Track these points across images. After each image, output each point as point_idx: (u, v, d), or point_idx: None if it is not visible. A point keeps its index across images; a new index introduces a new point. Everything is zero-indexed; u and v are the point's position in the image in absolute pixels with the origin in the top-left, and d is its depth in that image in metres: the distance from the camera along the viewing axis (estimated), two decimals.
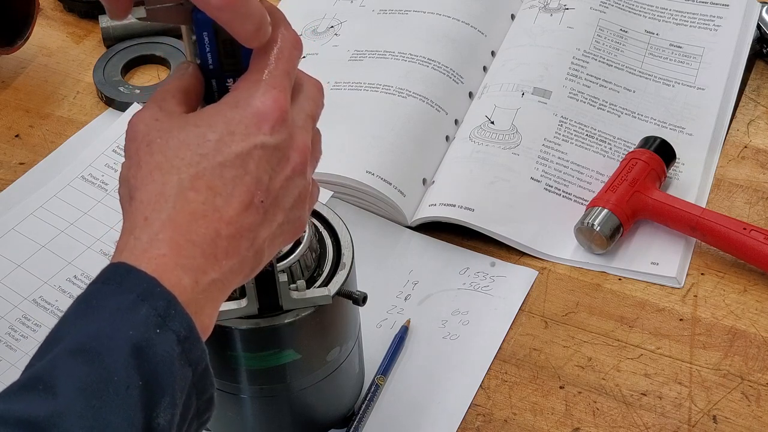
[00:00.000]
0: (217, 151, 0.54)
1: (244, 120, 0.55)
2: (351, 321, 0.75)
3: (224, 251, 0.54)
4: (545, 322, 0.88)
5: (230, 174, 0.54)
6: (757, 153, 1.00)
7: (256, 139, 0.55)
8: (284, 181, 0.56)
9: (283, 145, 0.56)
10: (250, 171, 0.55)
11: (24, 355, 0.86)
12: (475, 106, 1.04)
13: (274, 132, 0.55)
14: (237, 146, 0.54)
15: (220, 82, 0.59)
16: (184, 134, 0.55)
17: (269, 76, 0.56)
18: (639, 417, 0.81)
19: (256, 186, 0.55)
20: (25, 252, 0.94)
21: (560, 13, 1.10)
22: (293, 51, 0.58)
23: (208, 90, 0.60)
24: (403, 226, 0.95)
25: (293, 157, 0.57)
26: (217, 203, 0.53)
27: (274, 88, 0.56)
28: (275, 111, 0.55)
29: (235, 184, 0.54)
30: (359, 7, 1.15)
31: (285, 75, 0.57)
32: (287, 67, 0.57)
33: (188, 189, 0.53)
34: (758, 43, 1.09)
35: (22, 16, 1.10)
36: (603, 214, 0.91)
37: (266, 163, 0.55)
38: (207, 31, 0.57)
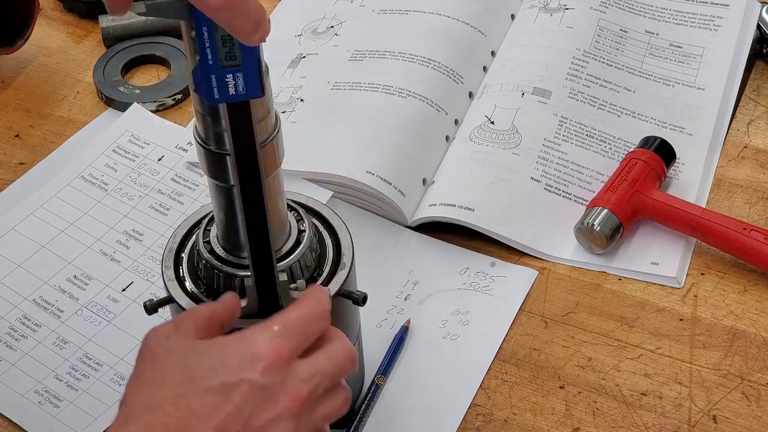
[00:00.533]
0: (206, 377, 0.59)
1: (241, 355, 0.60)
2: (351, 321, 0.75)
3: None
4: (545, 322, 0.88)
5: (212, 400, 0.59)
6: (757, 153, 1.00)
7: (246, 375, 0.59)
8: (268, 421, 0.60)
9: (272, 388, 0.60)
10: (232, 401, 0.59)
11: (24, 355, 0.86)
12: (475, 106, 1.04)
13: (265, 373, 0.60)
14: (226, 376, 0.59)
15: (219, 78, 0.59)
16: (185, 358, 0.60)
17: (283, 328, 0.62)
18: (639, 417, 0.81)
19: (234, 417, 0.59)
20: (25, 252, 0.94)
21: (560, 13, 1.10)
22: (317, 321, 0.63)
23: None
24: (403, 226, 0.95)
25: (282, 401, 0.60)
26: (191, 422, 0.58)
27: (282, 338, 0.61)
28: (272, 355, 0.60)
29: (214, 409, 0.58)
30: (359, 7, 1.15)
31: (300, 333, 0.62)
32: (307, 329, 0.62)
33: (170, 404, 0.58)
34: (758, 43, 1.09)
35: (22, 16, 1.10)
36: (603, 214, 0.91)
37: (251, 398, 0.59)
38: (207, 26, 0.57)
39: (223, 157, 0.64)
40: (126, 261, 0.93)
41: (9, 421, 0.82)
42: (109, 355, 0.86)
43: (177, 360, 0.60)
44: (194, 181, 0.99)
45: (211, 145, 0.64)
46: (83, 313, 0.89)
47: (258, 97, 0.61)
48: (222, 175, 0.65)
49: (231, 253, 0.70)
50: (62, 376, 0.85)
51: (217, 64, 0.59)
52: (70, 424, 0.82)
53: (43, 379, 0.84)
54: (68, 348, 0.87)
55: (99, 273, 0.92)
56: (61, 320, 0.88)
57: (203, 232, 0.71)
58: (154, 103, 1.07)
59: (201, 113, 0.63)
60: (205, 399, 0.59)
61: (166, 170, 1.00)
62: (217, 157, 0.64)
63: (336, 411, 0.65)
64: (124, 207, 0.97)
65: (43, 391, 0.84)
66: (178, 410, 0.58)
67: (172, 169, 1.00)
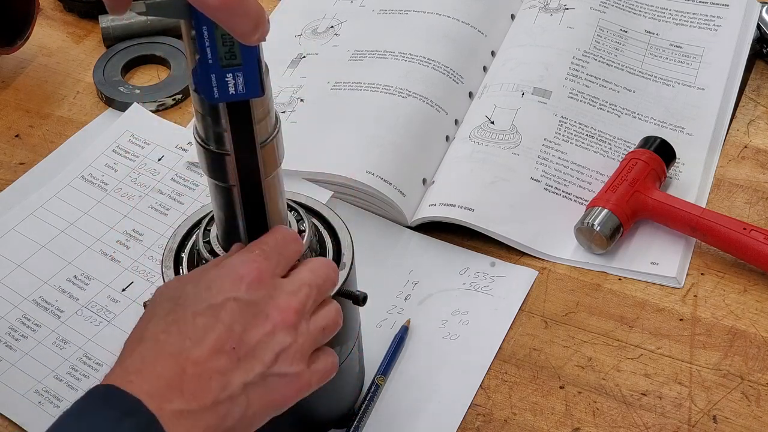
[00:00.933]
0: (193, 303, 0.61)
1: (224, 278, 0.62)
2: (351, 321, 0.75)
3: (191, 387, 0.59)
4: (545, 322, 0.88)
5: (201, 322, 0.61)
6: (757, 153, 1.00)
7: (230, 294, 0.62)
8: (263, 335, 0.62)
9: (260, 302, 0.62)
10: (221, 320, 0.61)
11: (24, 355, 0.86)
12: (475, 106, 1.04)
13: (250, 290, 0.62)
14: (212, 298, 0.61)
15: (219, 77, 0.59)
16: (172, 290, 0.63)
17: (260, 250, 0.64)
18: (639, 417, 0.81)
19: (227, 334, 0.61)
20: (25, 252, 0.94)
21: (560, 13, 1.10)
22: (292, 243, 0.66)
23: None
24: (403, 226, 0.95)
25: (273, 315, 0.62)
26: (185, 345, 0.60)
27: (261, 258, 0.64)
28: (253, 272, 0.62)
29: (206, 330, 0.60)
30: (359, 7, 1.15)
31: (278, 253, 0.65)
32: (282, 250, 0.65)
33: (161, 332, 0.60)
34: (758, 43, 1.09)
35: (22, 16, 1.10)
36: (603, 214, 0.91)
37: (240, 315, 0.61)
38: (206, 25, 0.57)
39: (223, 157, 0.64)
40: (126, 261, 0.93)
41: (9, 421, 0.82)
42: (109, 355, 0.86)
43: (166, 296, 0.63)
44: (194, 181, 0.99)
45: (211, 145, 0.64)
46: (83, 313, 0.89)
47: (258, 97, 0.61)
48: (222, 175, 0.65)
49: None
50: (62, 376, 0.85)
51: (217, 64, 0.59)
52: None
53: (43, 379, 0.84)
54: (68, 348, 0.87)
55: (99, 273, 0.92)
56: (61, 320, 0.88)
57: (203, 232, 0.71)
58: (154, 103, 1.07)
59: (201, 113, 0.63)
60: (195, 322, 0.60)
61: (166, 170, 1.00)
62: (217, 157, 0.64)
63: (331, 322, 0.66)
64: (124, 207, 0.97)
65: (43, 391, 0.84)
66: (170, 336, 0.60)
67: (172, 169, 1.00)
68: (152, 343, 0.60)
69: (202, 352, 0.60)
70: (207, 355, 0.60)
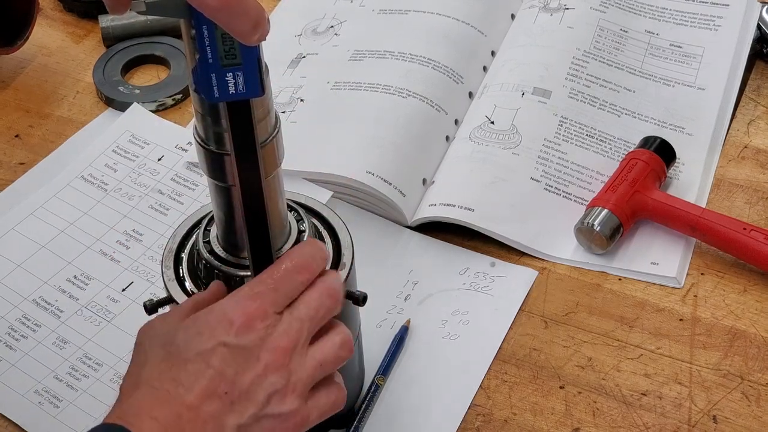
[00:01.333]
0: (184, 350, 0.62)
1: (212, 323, 0.63)
2: (351, 321, 0.75)
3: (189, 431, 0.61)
4: (545, 322, 0.88)
5: (193, 368, 0.62)
6: (757, 153, 1.00)
7: (220, 339, 0.62)
8: (254, 377, 0.62)
9: (250, 346, 0.63)
10: (212, 365, 0.62)
11: (24, 355, 0.86)
12: (475, 106, 1.04)
13: (239, 334, 0.62)
14: (202, 345, 0.62)
15: (219, 77, 0.59)
16: (164, 338, 0.64)
17: (250, 290, 0.64)
18: (639, 417, 0.81)
19: (219, 379, 0.62)
20: (25, 252, 0.94)
21: (560, 13, 1.10)
22: (294, 274, 0.65)
23: None
24: (403, 226, 0.95)
25: (264, 357, 0.63)
26: (179, 391, 0.61)
27: (251, 299, 0.63)
28: (242, 317, 0.63)
29: (198, 376, 0.61)
30: (359, 7, 1.15)
31: (271, 291, 0.64)
32: (279, 285, 0.64)
33: (155, 379, 0.62)
34: (758, 43, 1.09)
35: (22, 16, 1.10)
36: (603, 214, 0.91)
37: (230, 359, 0.62)
38: (206, 25, 0.57)
39: (223, 157, 0.64)
40: (126, 261, 0.93)
41: (9, 421, 0.82)
42: (109, 355, 0.86)
43: (158, 342, 0.64)
44: (194, 181, 0.99)
45: (211, 145, 0.64)
46: (83, 313, 0.89)
47: (258, 96, 0.61)
48: (222, 175, 0.65)
49: (231, 253, 0.70)
50: (62, 376, 0.85)
51: (217, 63, 0.59)
52: (70, 424, 0.82)
53: (43, 379, 0.84)
54: (68, 348, 0.87)
55: (99, 273, 0.92)
56: (61, 320, 0.88)
57: (203, 232, 0.71)
58: (154, 103, 1.07)
59: (201, 113, 0.63)
60: (187, 368, 0.61)
61: (166, 170, 1.00)
62: (217, 157, 0.64)
63: (331, 357, 0.66)
64: (124, 207, 0.97)
65: (43, 391, 0.84)
66: (164, 383, 0.61)
67: (172, 169, 1.00)
68: (147, 389, 0.61)
69: (195, 397, 0.61)
70: (200, 400, 0.61)
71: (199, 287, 0.71)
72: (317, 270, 0.66)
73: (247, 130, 0.62)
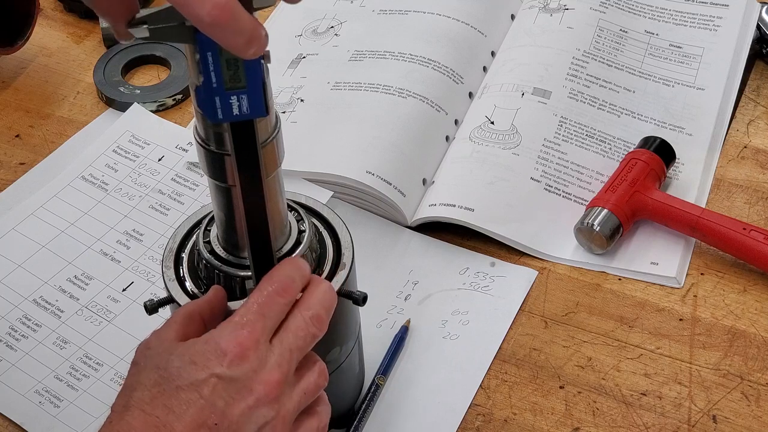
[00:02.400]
0: (177, 377, 0.62)
1: (206, 353, 0.62)
2: (351, 321, 0.75)
3: None
4: (545, 322, 0.88)
5: (185, 396, 0.62)
6: (757, 153, 1.00)
7: (213, 370, 0.62)
8: (245, 409, 0.62)
9: (242, 378, 0.62)
10: (203, 396, 0.62)
11: (24, 355, 0.86)
12: (475, 106, 1.04)
13: (232, 366, 0.62)
14: (195, 375, 0.62)
15: (223, 99, 0.59)
16: (158, 361, 0.63)
17: (242, 317, 0.64)
18: (639, 417, 0.81)
19: (209, 410, 0.62)
20: (25, 252, 0.94)
21: (560, 13, 1.10)
22: (276, 297, 0.65)
23: None
24: (403, 226, 0.95)
25: (257, 389, 0.63)
26: (169, 419, 0.61)
27: (243, 328, 0.63)
28: (235, 348, 0.62)
29: (188, 405, 0.61)
30: (359, 7, 1.15)
31: (260, 317, 0.64)
32: (265, 311, 0.64)
33: (146, 404, 0.62)
34: (758, 43, 1.09)
35: (22, 16, 1.10)
36: (603, 214, 0.91)
37: (222, 391, 0.62)
38: (211, 51, 0.57)
39: (223, 157, 0.64)
40: (126, 261, 0.93)
41: (9, 421, 0.82)
42: (109, 355, 0.86)
43: (152, 363, 0.63)
44: (194, 181, 0.99)
45: (211, 145, 0.64)
46: (83, 313, 0.89)
47: (262, 117, 0.61)
48: (222, 175, 0.65)
49: (231, 253, 0.70)
50: (62, 376, 0.85)
51: (221, 87, 0.59)
52: (70, 424, 0.82)
53: (44, 379, 0.84)
54: (68, 348, 0.87)
55: (99, 273, 0.92)
56: (61, 320, 0.89)
57: (203, 232, 0.71)
58: (154, 103, 1.07)
59: (201, 114, 0.63)
60: (179, 396, 0.61)
61: (167, 170, 1.00)
62: (217, 157, 0.64)
63: (312, 386, 0.66)
64: (124, 207, 0.97)
65: (44, 391, 0.84)
66: (155, 409, 0.61)
67: (172, 169, 1.01)
68: (138, 412, 0.61)
69: (185, 426, 0.61)
70: (189, 429, 0.61)
71: (200, 287, 0.71)
72: (298, 290, 0.66)
73: (247, 131, 0.62)
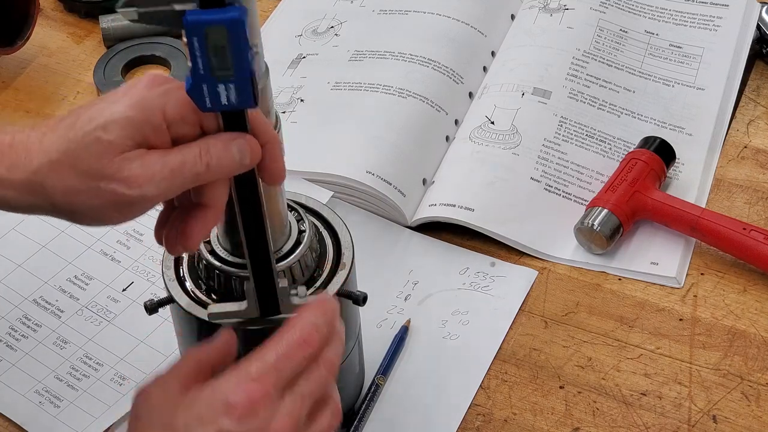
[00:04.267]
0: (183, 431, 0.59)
1: (214, 407, 0.59)
2: (351, 321, 0.75)
3: None
4: (545, 322, 0.88)
5: None
6: (757, 153, 1.00)
7: (221, 426, 0.59)
8: None
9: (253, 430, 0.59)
10: None
11: (24, 355, 0.86)
12: (475, 106, 1.04)
13: (241, 420, 0.59)
14: (201, 429, 0.59)
15: (211, 87, 0.58)
16: (163, 415, 0.60)
17: (255, 368, 0.60)
18: (639, 417, 0.81)
19: None
20: (26, 252, 0.94)
21: (560, 13, 1.10)
22: (297, 351, 0.61)
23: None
24: (403, 226, 0.95)
25: None
26: None
27: (254, 381, 0.60)
28: (244, 402, 0.59)
29: None
30: (359, 7, 1.15)
31: (272, 369, 0.60)
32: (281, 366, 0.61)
33: None
34: (758, 43, 1.09)
35: (22, 16, 1.10)
36: (603, 214, 0.91)
37: None
38: (197, 36, 0.57)
39: None
40: (126, 261, 0.93)
41: (9, 421, 0.82)
42: (109, 355, 0.86)
43: (156, 419, 0.60)
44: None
45: None
46: (83, 313, 0.89)
47: (251, 108, 0.60)
48: None
49: (231, 253, 0.70)
50: (62, 376, 0.85)
51: (208, 74, 0.58)
52: (70, 424, 0.82)
53: (44, 379, 0.84)
54: (68, 348, 0.87)
55: (99, 273, 0.92)
56: (61, 320, 0.89)
57: None
58: None
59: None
60: None
61: None
62: None
63: (327, 422, 0.63)
64: None
65: (44, 391, 0.84)
66: None
67: None
68: None
69: None
70: None
71: (200, 287, 0.71)
72: (322, 343, 0.63)
73: (240, 127, 0.61)
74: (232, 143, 0.60)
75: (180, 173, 0.60)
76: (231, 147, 0.60)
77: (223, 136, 0.60)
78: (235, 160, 0.60)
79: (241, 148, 0.60)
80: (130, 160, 0.59)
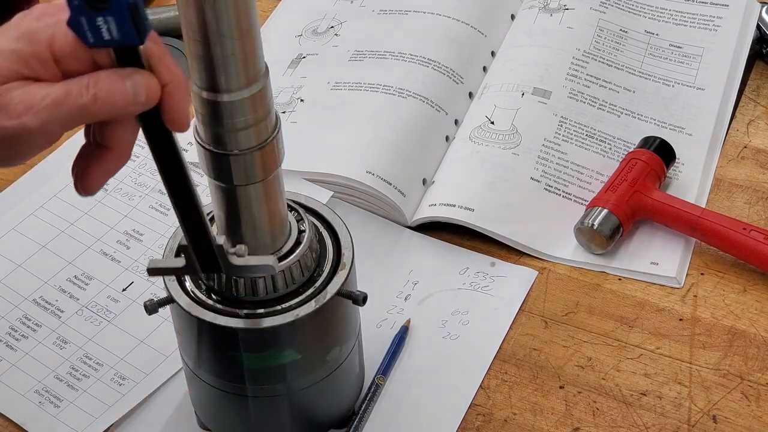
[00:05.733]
0: None
1: None
2: (351, 321, 0.75)
3: None
4: (545, 322, 0.88)
5: None
6: (757, 153, 1.00)
7: None
8: None
9: None
10: None
11: (24, 355, 0.86)
12: (475, 106, 1.04)
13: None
14: None
15: (90, 21, 0.55)
16: None
17: None
18: (639, 417, 0.81)
19: None
20: (25, 252, 0.94)
21: (560, 13, 1.10)
22: None
23: None
24: (403, 226, 0.95)
25: None
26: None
27: None
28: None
29: None
30: (359, 7, 1.15)
31: None
32: None
33: None
34: (758, 43, 1.10)
35: None
36: (603, 214, 0.91)
37: None
38: None
39: (223, 157, 0.64)
40: (126, 261, 0.93)
41: (9, 421, 0.82)
42: (109, 355, 0.86)
43: None
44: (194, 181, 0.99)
45: (211, 145, 0.64)
46: (83, 313, 0.89)
47: (135, 45, 0.57)
48: (222, 175, 0.65)
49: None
50: (62, 376, 0.85)
51: (83, 5, 0.54)
52: (70, 424, 0.82)
53: (44, 379, 0.84)
54: (68, 348, 0.87)
55: (99, 273, 0.92)
56: (61, 320, 0.89)
57: None
58: None
59: (201, 113, 0.63)
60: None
61: None
62: (217, 157, 0.64)
63: None
64: (124, 207, 0.97)
65: (44, 391, 0.84)
66: None
67: None
68: None
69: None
70: None
71: (200, 287, 0.71)
72: None
73: (134, 63, 0.58)
74: (126, 78, 0.57)
75: (64, 104, 0.57)
76: (124, 81, 0.57)
77: (117, 70, 0.57)
78: (128, 94, 0.57)
79: (136, 83, 0.57)
80: (10, 90, 0.57)
